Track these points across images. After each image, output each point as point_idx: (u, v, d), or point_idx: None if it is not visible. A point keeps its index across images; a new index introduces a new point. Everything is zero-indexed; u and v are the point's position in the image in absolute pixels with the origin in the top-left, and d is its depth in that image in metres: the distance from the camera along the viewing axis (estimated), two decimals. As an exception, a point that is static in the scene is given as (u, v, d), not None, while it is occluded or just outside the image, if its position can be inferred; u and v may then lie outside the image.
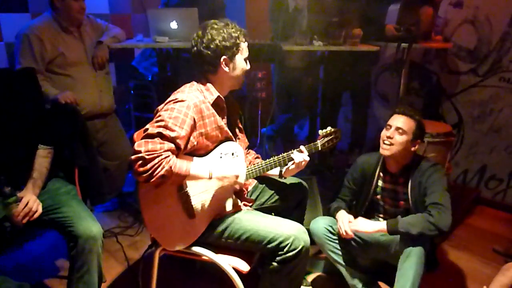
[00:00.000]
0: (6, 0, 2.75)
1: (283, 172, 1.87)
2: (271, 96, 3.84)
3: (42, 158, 1.87)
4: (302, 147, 1.84)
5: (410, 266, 1.71)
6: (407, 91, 3.14)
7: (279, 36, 3.01)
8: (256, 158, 1.99)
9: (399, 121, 1.90)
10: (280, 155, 1.81)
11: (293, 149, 1.84)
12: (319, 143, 1.88)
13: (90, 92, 2.50)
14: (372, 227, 1.83)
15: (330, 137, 1.91)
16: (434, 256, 1.96)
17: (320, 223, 2.01)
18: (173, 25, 2.66)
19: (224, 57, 1.63)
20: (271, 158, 1.81)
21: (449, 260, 2.48)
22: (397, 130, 1.89)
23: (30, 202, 1.68)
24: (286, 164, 1.84)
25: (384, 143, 1.91)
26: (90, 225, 1.71)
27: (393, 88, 3.47)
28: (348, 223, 1.88)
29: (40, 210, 1.70)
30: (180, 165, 1.49)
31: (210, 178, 1.57)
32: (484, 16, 2.98)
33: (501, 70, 2.98)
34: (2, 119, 1.81)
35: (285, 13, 3.09)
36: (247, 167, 1.78)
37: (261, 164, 1.79)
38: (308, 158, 1.83)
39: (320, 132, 1.90)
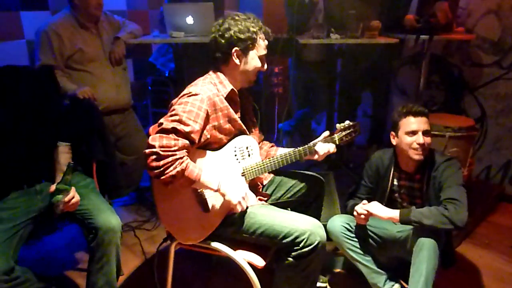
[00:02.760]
0: (27, -2, 2.81)
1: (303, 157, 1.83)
2: (288, 91, 3.81)
3: (65, 154, 1.89)
4: (325, 133, 1.82)
5: (423, 260, 1.67)
6: (427, 85, 3.07)
7: (296, 29, 2.98)
8: (271, 147, 1.97)
9: (422, 123, 1.84)
10: (301, 148, 1.78)
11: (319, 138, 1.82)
12: (336, 136, 1.83)
13: (107, 87, 2.53)
14: (386, 213, 1.79)
15: (348, 131, 1.85)
16: (451, 253, 1.91)
17: (337, 222, 1.98)
18: (189, 20, 2.66)
19: (236, 48, 1.62)
20: (290, 150, 1.78)
21: (471, 258, 2.41)
22: (425, 134, 1.83)
23: (76, 194, 1.71)
24: (307, 154, 1.80)
25: (417, 150, 1.84)
26: (109, 217, 1.73)
27: (413, 81, 3.38)
28: (363, 205, 1.85)
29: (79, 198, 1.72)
30: (192, 169, 1.49)
31: (217, 190, 1.56)
32: (509, 5, 2.87)
33: (527, 62, 2.87)
34: (22, 116, 1.84)
35: (301, 7, 3.05)
36: (263, 161, 1.77)
37: (276, 159, 1.76)
38: (334, 149, 1.79)
39: (338, 125, 1.85)
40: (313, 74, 3.41)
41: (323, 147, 1.78)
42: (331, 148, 1.79)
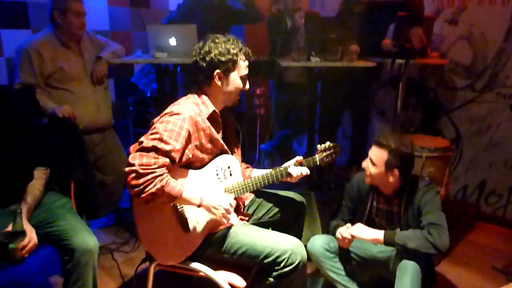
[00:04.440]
0: (7, 16, 2.80)
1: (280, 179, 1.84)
2: (269, 112, 3.86)
3: (36, 180, 1.84)
4: (299, 157, 1.83)
5: (406, 283, 1.68)
6: (404, 107, 3.16)
7: (277, 53, 3.04)
8: (246, 168, 1.98)
9: (372, 151, 1.88)
10: (278, 169, 1.80)
11: (291, 161, 1.83)
12: (317, 157, 1.86)
13: (88, 106, 2.51)
14: (370, 234, 1.81)
15: (329, 152, 1.89)
16: (432, 273, 1.93)
17: (317, 242, 1.98)
18: (172, 41, 2.69)
19: (217, 71, 1.64)
20: (268, 172, 1.79)
21: (450, 276, 2.44)
22: (370, 161, 1.88)
23: (33, 236, 1.64)
24: (283, 177, 1.82)
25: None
26: (86, 238, 1.69)
27: (390, 104, 3.48)
28: (346, 229, 1.86)
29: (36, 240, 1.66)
30: (173, 185, 1.48)
31: (200, 205, 1.57)
32: (479, 32, 3.02)
33: (498, 85, 3.00)
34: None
35: (283, 31, 3.13)
36: (245, 180, 1.77)
37: (257, 179, 1.77)
38: (306, 172, 1.81)
39: (319, 146, 1.88)
40: (294, 96, 3.47)
41: (296, 170, 1.79)
42: (303, 171, 1.80)
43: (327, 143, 1.89)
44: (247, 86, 1.73)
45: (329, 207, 2.74)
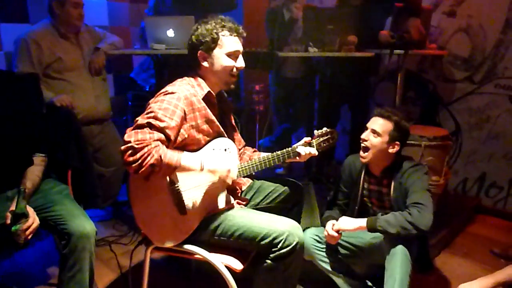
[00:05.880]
0: (7, 10, 2.81)
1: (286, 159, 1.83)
2: (268, 109, 3.86)
3: (35, 166, 1.85)
4: (307, 138, 1.83)
5: (395, 265, 1.66)
6: (403, 100, 3.15)
7: (275, 45, 3.04)
8: (254, 151, 1.97)
9: (374, 123, 1.89)
10: (285, 150, 1.79)
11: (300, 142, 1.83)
12: (314, 142, 1.85)
13: (86, 97, 2.51)
14: (353, 224, 1.79)
15: (326, 137, 1.88)
16: (427, 258, 1.91)
17: (307, 234, 1.97)
18: (170, 33, 2.69)
19: (199, 51, 1.65)
20: (278, 152, 1.78)
21: (450, 267, 2.42)
22: (372, 132, 1.88)
23: (36, 217, 1.64)
24: (293, 156, 1.81)
25: (361, 149, 1.91)
26: (83, 222, 1.68)
27: (389, 97, 3.48)
28: (332, 226, 1.84)
29: (38, 221, 1.66)
30: (171, 155, 1.47)
31: (202, 170, 1.55)
32: (477, 24, 3.02)
33: (496, 77, 3.00)
34: (1, 121, 1.81)
35: (281, 23, 3.14)
36: (247, 162, 1.76)
37: (264, 158, 1.76)
38: (315, 153, 1.81)
39: (316, 132, 1.88)
40: (292, 90, 3.47)
41: (305, 149, 1.79)
42: (312, 150, 1.80)
43: (324, 128, 1.89)
44: (240, 64, 1.69)
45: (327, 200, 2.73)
